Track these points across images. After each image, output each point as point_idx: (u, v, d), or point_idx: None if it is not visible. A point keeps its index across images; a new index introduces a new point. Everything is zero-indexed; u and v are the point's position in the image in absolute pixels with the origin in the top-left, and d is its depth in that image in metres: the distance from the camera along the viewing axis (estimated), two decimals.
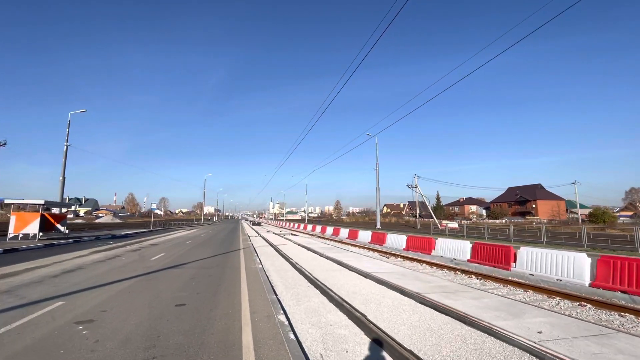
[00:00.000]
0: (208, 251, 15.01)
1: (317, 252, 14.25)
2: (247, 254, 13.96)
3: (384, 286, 7.31)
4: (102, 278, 8.11)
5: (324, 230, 31.59)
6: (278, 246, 17.21)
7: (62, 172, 29.74)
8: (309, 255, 13.57)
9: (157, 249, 16.06)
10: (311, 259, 12.31)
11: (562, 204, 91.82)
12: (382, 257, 14.19)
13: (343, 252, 14.20)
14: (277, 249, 15.97)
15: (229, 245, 18.76)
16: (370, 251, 16.35)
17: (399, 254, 14.50)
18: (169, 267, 10.02)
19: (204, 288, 7.04)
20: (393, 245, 16.65)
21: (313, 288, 7.44)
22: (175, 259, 12.17)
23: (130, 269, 9.70)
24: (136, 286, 7.19)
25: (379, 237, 18.45)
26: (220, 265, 10.45)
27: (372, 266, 10.00)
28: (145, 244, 19.27)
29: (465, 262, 11.22)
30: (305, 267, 10.07)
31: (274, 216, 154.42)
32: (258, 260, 11.84)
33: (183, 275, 8.68)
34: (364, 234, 20.71)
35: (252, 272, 9.21)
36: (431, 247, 13.46)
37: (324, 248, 16.13)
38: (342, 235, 25.08)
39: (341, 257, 12.15)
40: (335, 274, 9.02)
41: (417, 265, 11.75)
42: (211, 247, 17.41)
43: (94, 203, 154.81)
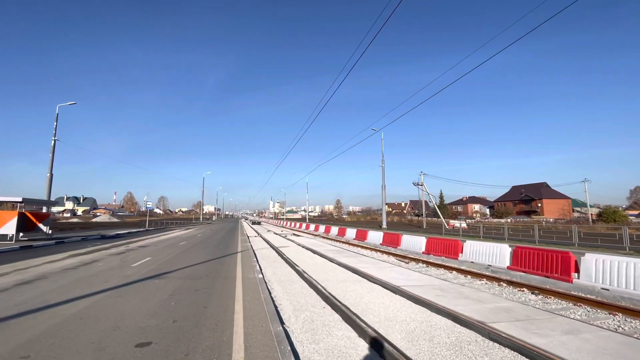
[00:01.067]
0: (201, 255, 13.20)
1: (326, 256, 12.44)
2: (245, 259, 12.16)
3: (426, 308, 5.50)
4: (59, 294, 6.31)
5: (328, 230, 29.78)
6: (280, 248, 15.42)
7: (50, 169, 27.97)
8: (316, 259, 11.78)
9: (145, 252, 14.26)
10: (320, 265, 10.51)
11: (568, 203, 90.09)
12: (400, 262, 12.39)
13: (355, 257, 12.39)
14: (279, 252, 14.18)
15: (225, 247, 16.95)
16: (384, 254, 14.55)
17: (418, 258, 12.70)
18: (150, 277, 8.21)
19: (185, 312, 5.24)
20: (409, 248, 14.85)
21: (331, 310, 5.63)
22: (161, 265, 10.37)
23: (101, 279, 7.91)
24: (95, 308, 5.38)
25: (392, 239, 16.64)
26: (212, 275, 8.64)
27: (396, 275, 8.19)
28: (133, 245, 17.48)
29: (504, 270, 9.42)
30: (315, 276, 8.27)
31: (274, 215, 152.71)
32: (258, 267, 10.03)
33: (163, 289, 6.88)
34: (373, 235, 18.91)
35: (250, 285, 7.40)
36: (458, 250, 11.66)
37: (332, 251, 14.33)
38: (348, 235, 23.27)
39: (355, 263, 10.35)
40: (354, 286, 7.22)
41: (446, 273, 9.95)
42: (206, 249, 15.61)
43: (92, 202, 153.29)
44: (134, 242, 20.05)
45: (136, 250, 15.03)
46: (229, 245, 18.27)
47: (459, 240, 11.93)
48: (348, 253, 13.73)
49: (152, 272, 9.03)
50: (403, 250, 15.18)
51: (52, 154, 28.74)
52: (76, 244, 18.35)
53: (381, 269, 9.37)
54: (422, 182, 46.47)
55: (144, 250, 14.75)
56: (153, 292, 6.64)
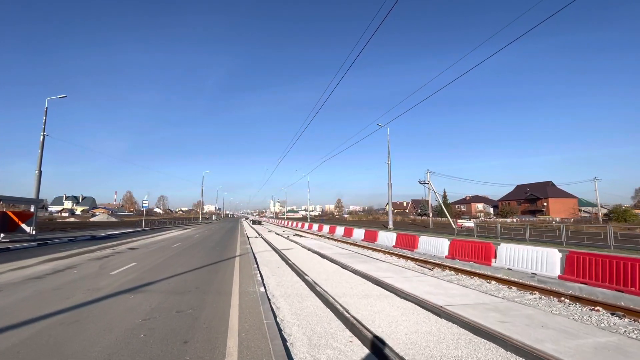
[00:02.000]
0: (194, 260, 11.63)
1: (337, 261, 10.86)
2: (244, 265, 10.58)
3: (499, 346, 3.91)
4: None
5: (332, 230, 28.16)
6: (283, 251, 13.84)
7: (38, 165, 26.35)
8: (326, 265, 10.20)
9: (132, 255, 12.70)
10: (332, 272, 8.93)
11: (574, 202, 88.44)
12: (422, 268, 10.81)
13: (371, 262, 10.80)
14: (283, 256, 12.60)
15: (223, 249, 15.38)
16: (401, 259, 12.96)
17: (441, 263, 11.11)
18: (126, 291, 6.64)
19: (155, 352, 3.66)
20: (428, 251, 13.25)
21: (361, 346, 4.04)
22: (145, 273, 8.80)
23: (65, 294, 6.34)
24: (29, 345, 3.81)
25: (407, 241, 15.04)
26: (203, 288, 7.06)
27: (429, 288, 6.61)
28: (122, 247, 15.92)
29: (555, 280, 7.83)
30: (329, 289, 6.69)
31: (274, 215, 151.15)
32: (259, 276, 8.43)
33: (137, 310, 5.30)
34: (385, 236, 17.31)
35: (249, 304, 5.80)
36: (490, 255, 10.07)
37: (342, 254, 12.74)
38: (356, 236, 21.65)
39: (373, 271, 8.76)
40: (382, 304, 5.64)
41: (484, 284, 8.35)
42: (200, 252, 14.03)
43: (92, 201, 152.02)
44: (125, 243, 18.50)
45: (123, 253, 13.47)
46: (226, 247, 16.70)
47: (490, 243, 10.33)
48: (361, 257, 12.14)
49: (131, 283, 7.46)
50: (421, 253, 13.58)
51: (41, 150, 27.19)
52: (60, 246, 16.79)
53: (408, 279, 7.78)
54: (429, 180, 44.85)
55: (132, 254, 13.18)
56: (122, 314, 5.06)
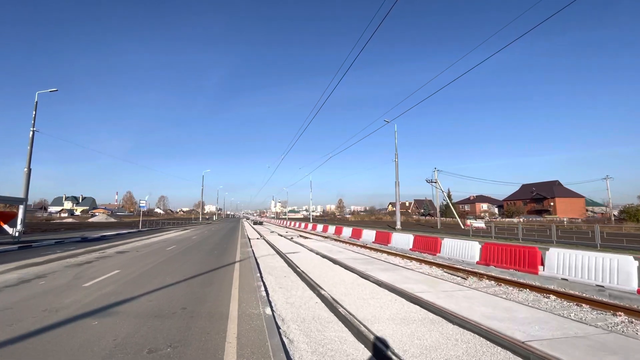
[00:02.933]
0: (187, 266, 10.09)
1: (353, 268, 9.30)
2: (245, 273, 9.03)
3: None
4: None
5: (338, 231, 26.55)
6: (289, 256, 12.29)
7: (28, 163, 24.84)
8: (342, 274, 8.63)
9: (117, 261, 11.17)
10: (351, 284, 7.38)
11: (582, 202, 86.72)
12: (453, 276, 9.23)
13: (393, 269, 9.23)
14: (289, 262, 11.05)
15: (221, 254, 13.83)
16: (423, 264, 11.38)
17: (472, 270, 9.55)
18: (91, 313, 5.10)
19: None
20: (454, 256, 11.67)
21: None
22: (125, 285, 7.26)
23: (9, 318, 4.81)
24: None
25: (427, 243, 13.44)
26: (192, 308, 5.50)
27: (487, 310, 5.04)
28: (111, 251, 14.40)
29: (634, 295, 6.26)
30: (355, 310, 5.15)
31: (275, 215, 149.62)
32: (263, 290, 6.86)
33: (91, 349, 3.73)
34: (399, 238, 15.72)
35: (251, 338, 4.23)
36: (536, 262, 8.49)
37: (357, 260, 11.19)
38: (365, 238, 20.05)
39: (401, 282, 7.20)
40: (435, 337, 4.07)
41: (541, 298, 6.76)
42: (196, 257, 12.49)
43: (92, 202, 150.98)
44: (115, 246, 16.98)
45: (110, 258, 11.95)
46: (226, 250, 15.15)
47: (535, 248, 8.73)
48: (379, 263, 10.57)
49: (104, 299, 5.92)
50: (445, 258, 12.00)
51: (31, 146, 25.69)
52: (44, 249, 15.26)
53: (448, 293, 6.22)
54: (437, 179, 43.25)
55: (119, 259, 11.66)
56: (68, 356, 3.51)
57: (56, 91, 27.19)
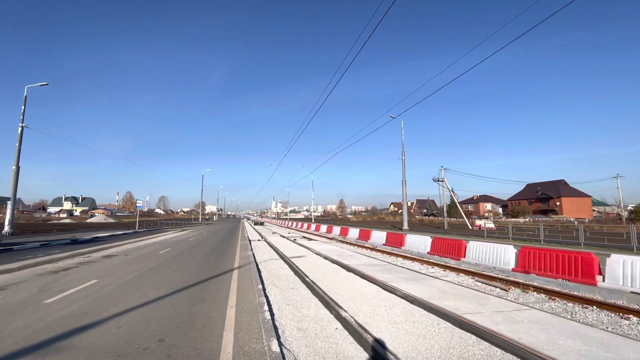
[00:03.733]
0: (178, 275, 8.70)
1: (372, 277, 7.89)
2: (244, 284, 7.63)
3: None
4: None
5: (344, 232, 25.12)
6: (294, 261, 10.91)
7: (16, 161, 23.58)
8: (360, 285, 7.24)
9: (99, 268, 9.81)
10: (374, 298, 5.99)
11: (588, 202, 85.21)
12: (489, 286, 7.83)
13: (420, 279, 7.83)
14: (295, 269, 9.66)
15: (218, 258, 12.45)
16: (449, 271, 9.98)
17: (510, 279, 8.15)
18: (35, 348, 3.72)
19: None
20: (482, 261, 10.25)
21: None
22: (97, 301, 5.88)
23: None
24: None
25: (448, 247, 11.99)
26: (171, 341, 4.07)
27: (579, 346, 3.68)
28: (96, 255, 13.05)
29: None
30: (392, 342, 3.77)
31: (276, 215, 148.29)
32: (266, 310, 5.45)
33: None
34: (415, 241, 14.28)
35: None
36: (592, 270, 7.07)
37: (373, 266, 9.80)
38: (375, 240, 18.61)
39: (437, 298, 5.82)
40: None
41: (619, 320, 5.39)
42: (190, 262, 11.11)
43: (91, 202, 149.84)
44: (105, 249, 15.63)
45: (93, 264, 10.59)
46: (224, 254, 13.77)
47: (591, 254, 7.32)
48: (400, 270, 9.18)
49: (60, 324, 4.55)
50: (471, 264, 10.59)
51: (19, 142, 24.41)
52: (24, 252, 13.90)
53: (507, 316, 4.83)
54: (443, 178, 41.80)
55: (102, 265, 10.29)
56: None
57: (46, 85, 25.93)
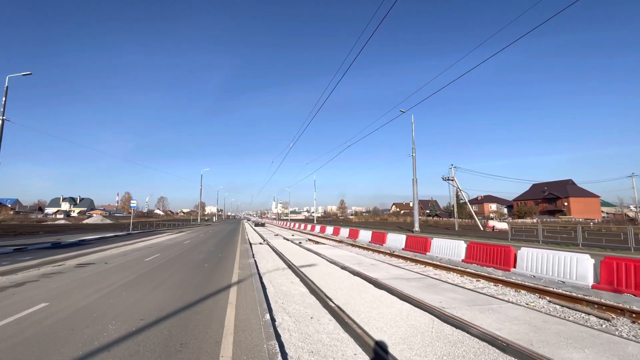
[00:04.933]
0: (156, 297, 6.62)
1: (415, 299, 5.86)
2: (243, 314, 5.55)
3: None
4: None
5: (353, 234, 23.01)
6: (306, 271, 8.86)
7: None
8: (403, 310, 5.21)
9: (65, 281, 7.77)
10: (435, 339, 3.97)
11: (597, 202, 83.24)
12: (581, 313, 5.81)
13: (486, 303, 5.79)
14: (311, 285, 7.60)
15: (213, 268, 10.40)
16: (502, 286, 7.92)
17: (587, 297, 6.15)
18: None
19: None
20: (543, 273, 8.20)
21: None
22: (16, 348, 3.85)
23: None
24: None
25: (490, 254, 9.91)
26: None
27: None
28: (71, 263, 11.03)
29: None
30: None
31: (276, 216, 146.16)
32: None
33: None
34: (443, 246, 12.22)
35: None
36: None
37: (410, 281, 7.76)
38: (391, 244, 16.52)
39: (556, 348, 3.81)
40: None
41: None
42: (177, 275, 9.05)
43: (90, 203, 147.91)
44: (85, 254, 13.60)
45: (59, 276, 8.56)
46: (220, 262, 11.73)
47: None
48: (448, 288, 7.13)
49: None
50: (524, 276, 8.53)
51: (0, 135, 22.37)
52: None
53: None
54: (453, 177, 39.78)
55: (69, 278, 8.25)
56: None
57: (30, 75, 23.99)
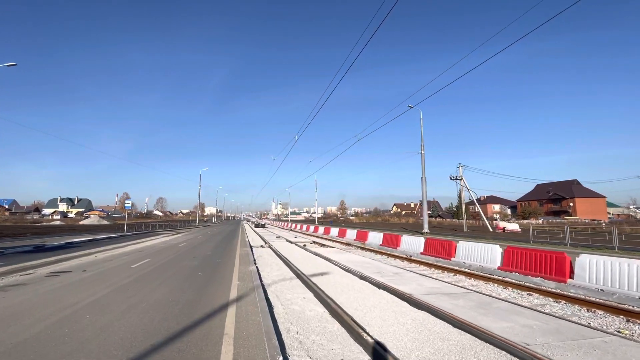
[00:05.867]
0: (128, 324, 4.99)
1: (477, 327, 4.32)
2: (245, 356, 4.01)
3: None
4: None
5: (361, 236, 21.36)
6: (319, 282, 7.28)
7: None
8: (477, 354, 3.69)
9: (25, 297, 6.19)
10: None
11: (603, 202, 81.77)
12: None
13: (582, 333, 4.26)
14: (327, 302, 6.02)
15: (209, 277, 8.79)
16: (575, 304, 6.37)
17: None
18: None
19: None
20: (615, 287, 6.67)
21: None
22: None
23: None
24: None
25: (536, 262, 8.34)
26: None
27: None
28: (43, 271, 9.47)
29: None
30: None
31: (276, 217, 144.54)
32: None
33: None
34: (472, 251, 10.66)
35: None
36: None
37: (454, 298, 6.20)
38: (406, 247, 14.93)
39: None
40: None
41: None
42: (162, 289, 7.44)
43: (87, 203, 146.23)
44: (65, 260, 12.03)
45: (22, 288, 7.01)
46: (217, 269, 10.13)
47: None
48: (508, 309, 5.57)
49: None
50: (589, 289, 6.99)
51: None
52: None
53: None
54: (462, 176, 38.27)
55: (31, 293, 6.67)
56: None
57: (15, 65, 22.50)
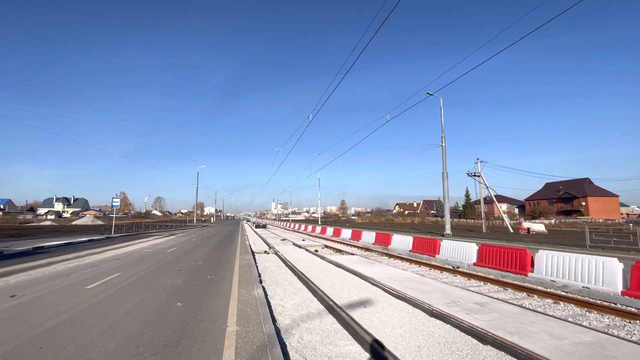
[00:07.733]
0: None
1: None
2: None
3: None
4: None
5: (383, 240, 18.20)
6: (364, 323, 4.29)
7: None
8: None
9: None
10: None
11: (615, 201, 78.85)
12: None
13: None
14: None
15: (191, 311, 5.76)
16: None
17: None
18: None
19: None
20: None
21: None
22: None
23: None
24: None
25: None
26: None
27: None
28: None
29: None
30: None
31: (276, 217, 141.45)
32: None
33: None
34: (562, 264, 7.68)
35: None
36: None
37: None
38: (450, 255, 11.90)
39: None
40: None
41: None
42: (113, 341, 4.46)
43: (84, 203, 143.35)
44: (17, 272, 9.02)
45: None
46: (207, 293, 7.07)
47: None
48: None
49: None
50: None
51: None
52: None
53: None
54: (480, 172, 35.25)
55: None
56: None
57: None
